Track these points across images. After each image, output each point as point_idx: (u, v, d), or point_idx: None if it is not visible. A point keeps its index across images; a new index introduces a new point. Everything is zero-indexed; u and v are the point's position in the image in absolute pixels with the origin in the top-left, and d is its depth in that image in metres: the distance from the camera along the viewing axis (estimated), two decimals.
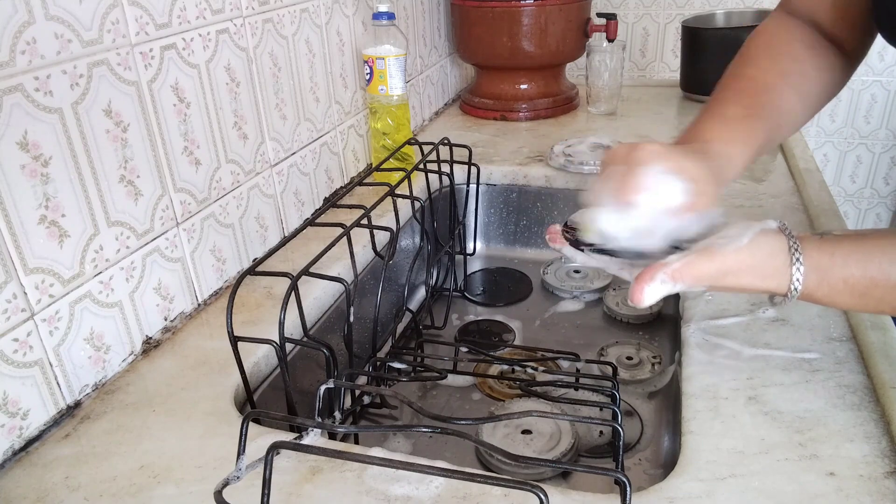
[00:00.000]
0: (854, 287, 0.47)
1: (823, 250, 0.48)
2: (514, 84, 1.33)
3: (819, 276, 0.47)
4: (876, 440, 0.50)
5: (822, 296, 0.48)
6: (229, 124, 0.75)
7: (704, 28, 1.34)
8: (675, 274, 0.46)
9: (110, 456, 0.53)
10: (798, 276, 0.47)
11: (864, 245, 0.47)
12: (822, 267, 0.47)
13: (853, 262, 0.47)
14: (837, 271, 0.47)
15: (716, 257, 0.47)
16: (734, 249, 0.47)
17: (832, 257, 0.47)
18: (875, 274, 0.46)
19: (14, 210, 0.51)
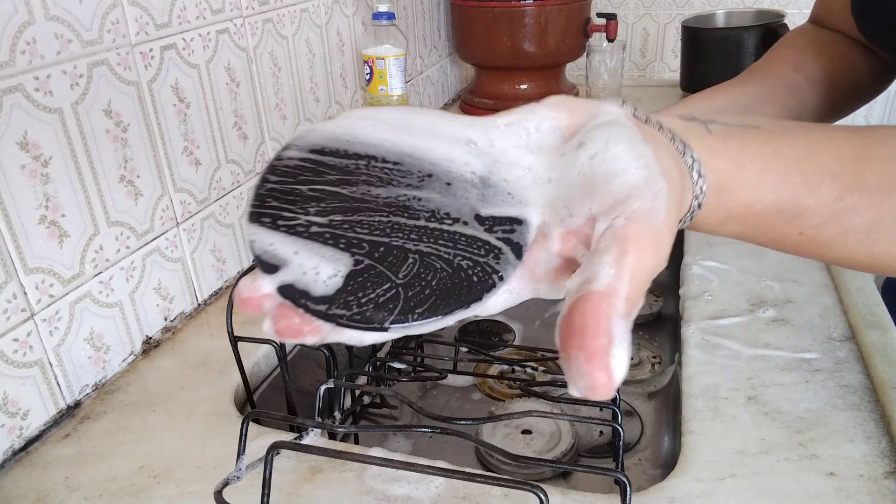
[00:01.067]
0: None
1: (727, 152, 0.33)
2: (514, 84, 1.33)
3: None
4: (876, 440, 0.50)
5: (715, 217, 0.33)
6: (229, 124, 0.75)
7: (704, 28, 1.34)
8: (630, 304, 0.24)
9: (110, 456, 0.53)
10: (700, 187, 0.31)
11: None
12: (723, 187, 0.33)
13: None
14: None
15: (648, 238, 0.26)
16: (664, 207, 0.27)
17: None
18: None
19: (14, 210, 0.51)
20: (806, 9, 1.74)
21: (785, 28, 1.21)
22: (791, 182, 0.32)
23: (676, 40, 1.84)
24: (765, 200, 0.32)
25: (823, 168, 0.32)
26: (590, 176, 0.26)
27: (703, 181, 0.30)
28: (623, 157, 0.26)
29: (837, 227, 0.32)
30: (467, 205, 0.27)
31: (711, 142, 0.31)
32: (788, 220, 0.32)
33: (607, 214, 0.25)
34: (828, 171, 0.32)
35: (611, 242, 0.24)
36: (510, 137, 0.29)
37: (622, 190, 0.25)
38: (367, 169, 0.27)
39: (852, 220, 0.32)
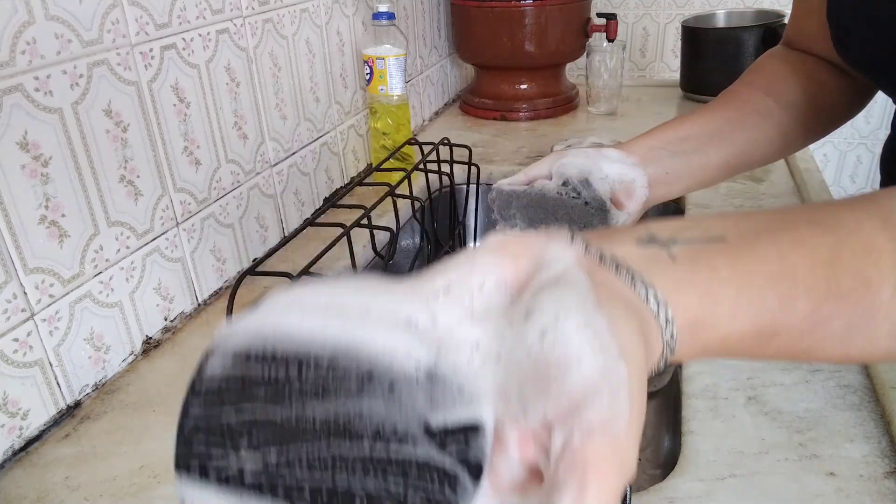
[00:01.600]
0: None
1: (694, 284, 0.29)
2: (514, 84, 1.33)
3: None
4: (876, 440, 0.50)
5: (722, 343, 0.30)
6: (229, 124, 0.75)
7: (704, 28, 1.34)
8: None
9: (110, 456, 0.53)
10: (671, 334, 0.28)
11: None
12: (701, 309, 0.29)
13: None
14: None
15: (610, 458, 0.23)
16: (626, 407, 0.23)
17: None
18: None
19: (14, 210, 0.51)
20: None
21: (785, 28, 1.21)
22: (767, 304, 0.29)
23: (676, 40, 1.84)
24: (742, 330, 0.29)
25: (798, 282, 0.29)
26: (542, 362, 0.23)
27: (672, 326, 0.27)
28: (575, 339, 0.23)
29: (815, 337, 0.31)
30: (415, 414, 0.23)
31: (677, 273, 0.28)
32: (765, 340, 0.30)
33: (563, 423, 0.22)
34: (802, 284, 0.29)
35: (569, 471, 0.21)
36: (453, 307, 0.25)
37: (576, 389, 0.22)
38: (300, 378, 0.23)
39: (829, 327, 0.30)
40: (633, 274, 0.27)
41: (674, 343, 0.27)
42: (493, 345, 0.24)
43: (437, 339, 0.24)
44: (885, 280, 0.30)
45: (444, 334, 0.25)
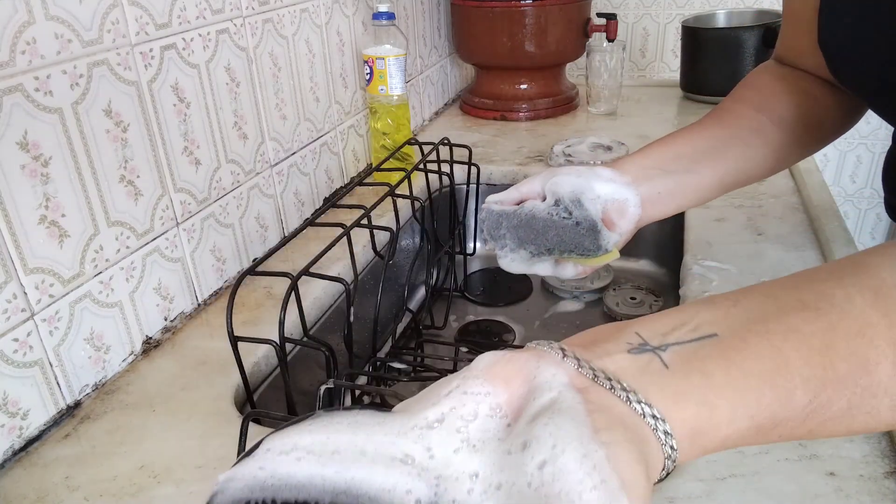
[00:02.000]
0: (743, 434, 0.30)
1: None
2: (514, 84, 1.33)
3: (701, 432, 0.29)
4: (876, 440, 0.50)
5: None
6: (229, 124, 0.75)
7: (704, 28, 1.34)
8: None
9: (110, 456, 0.53)
10: (671, 446, 0.28)
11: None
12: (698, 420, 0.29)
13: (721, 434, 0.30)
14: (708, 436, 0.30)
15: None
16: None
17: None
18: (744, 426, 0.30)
19: (14, 210, 0.51)
20: None
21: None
22: (764, 402, 0.29)
23: (676, 40, 1.84)
24: (741, 429, 0.29)
25: (794, 375, 0.29)
26: (542, 494, 0.23)
27: (672, 439, 0.27)
28: (575, 472, 0.23)
29: (815, 421, 0.31)
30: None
31: (671, 383, 0.28)
32: (766, 433, 0.30)
33: None
34: (798, 377, 0.29)
35: None
36: (448, 438, 0.25)
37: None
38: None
39: (828, 411, 0.30)
40: (628, 392, 0.27)
41: (675, 455, 0.27)
42: (493, 475, 0.24)
43: (436, 473, 0.25)
44: (883, 357, 0.30)
45: (441, 467, 0.25)
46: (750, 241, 0.80)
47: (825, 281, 0.33)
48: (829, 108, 0.61)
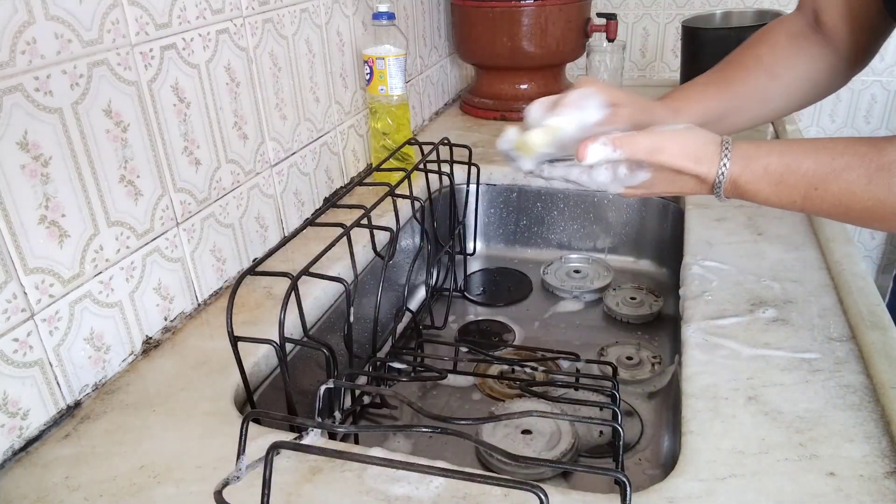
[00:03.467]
0: (772, 174, 0.53)
1: (751, 143, 0.54)
2: (514, 84, 1.33)
3: (743, 164, 0.53)
4: (876, 440, 0.50)
5: (744, 182, 0.54)
6: (229, 124, 0.75)
7: (704, 28, 1.33)
8: (616, 141, 0.54)
9: (110, 456, 0.53)
10: (725, 161, 0.53)
11: (787, 142, 0.54)
12: (747, 155, 0.53)
13: (775, 152, 0.53)
14: (761, 159, 0.53)
15: (653, 134, 0.55)
16: (672, 130, 0.55)
17: (758, 148, 0.54)
18: (789, 161, 0.52)
19: (14, 210, 0.51)
20: None
21: None
22: (791, 152, 0.52)
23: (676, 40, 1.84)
24: (774, 163, 0.52)
25: (818, 144, 0.51)
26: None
27: (728, 152, 0.54)
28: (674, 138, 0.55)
29: (840, 182, 0.50)
30: None
31: (742, 142, 0.54)
32: (798, 178, 0.51)
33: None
34: (822, 145, 0.51)
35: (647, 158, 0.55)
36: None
37: (664, 155, 0.55)
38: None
39: (850, 176, 0.50)
40: (728, 150, 0.54)
41: (728, 163, 0.54)
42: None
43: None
44: (893, 147, 0.48)
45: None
46: (750, 241, 0.80)
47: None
48: (825, 73, 0.68)
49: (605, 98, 0.59)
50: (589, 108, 0.59)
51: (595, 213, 1.08)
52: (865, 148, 0.50)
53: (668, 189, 0.58)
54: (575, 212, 1.08)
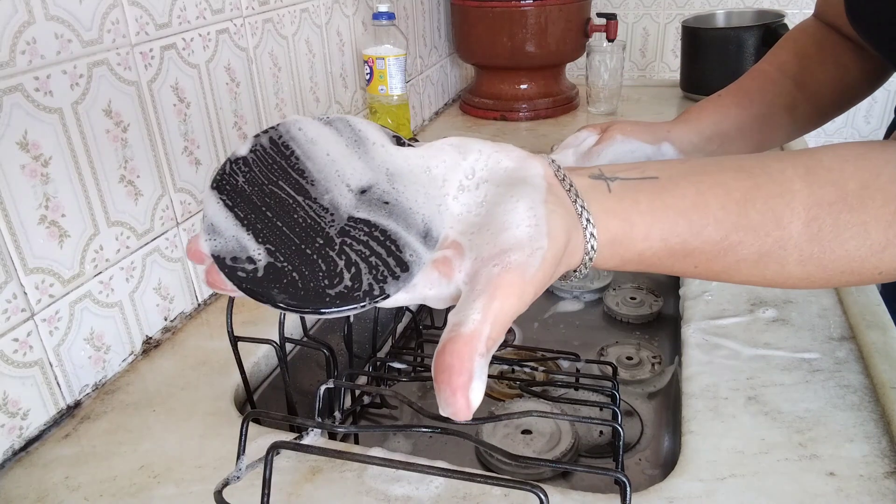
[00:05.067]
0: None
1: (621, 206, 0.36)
2: (514, 84, 1.33)
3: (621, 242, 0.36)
4: (876, 440, 0.50)
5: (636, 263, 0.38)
6: (229, 124, 0.75)
7: (704, 28, 1.34)
8: (490, 343, 0.29)
9: (110, 456, 0.53)
10: (591, 246, 0.35)
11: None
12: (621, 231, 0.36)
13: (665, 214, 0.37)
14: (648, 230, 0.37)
15: (515, 288, 0.30)
16: (538, 264, 0.31)
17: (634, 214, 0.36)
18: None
19: (14, 210, 0.51)
20: (806, 9, 1.74)
21: (785, 28, 1.21)
22: (677, 230, 0.36)
23: (676, 40, 1.84)
24: (655, 247, 0.36)
25: (708, 214, 0.36)
26: (497, 220, 0.32)
27: (594, 240, 0.35)
28: (521, 213, 0.32)
29: (728, 260, 0.37)
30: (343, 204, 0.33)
31: (608, 202, 0.36)
32: (680, 258, 0.37)
33: (490, 260, 0.30)
34: (712, 216, 0.36)
35: (484, 287, 0.29)
36: (478, 163, 0.36)
37: (509, 242, 0.31)
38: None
39: (740, 253, 0.37)
40: (577, 196, 0.35)
41: (593, 253, 0.35)
42: (479, 189, 0.34)
43: (455, 167, 0.35)
44: (795, 217, 0.36)
45: (459, 167, 0.35)
46: None
47: (769, 156, 0.38)
48: (858, 77, 0.64)
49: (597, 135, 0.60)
50: (581, 138, 0.61)
51: None
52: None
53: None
54: None
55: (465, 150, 0.35)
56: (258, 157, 0.33)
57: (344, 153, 0.34)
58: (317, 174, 0.33)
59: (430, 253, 0.32)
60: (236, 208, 0.32)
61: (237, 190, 0.32)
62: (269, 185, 0.33)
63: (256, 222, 0.32)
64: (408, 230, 0.32)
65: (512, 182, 0.34)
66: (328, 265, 0.31)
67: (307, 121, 0.35)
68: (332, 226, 0.32)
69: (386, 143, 0.35)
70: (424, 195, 0.33)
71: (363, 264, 0.31)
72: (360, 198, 0.33)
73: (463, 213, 0.33)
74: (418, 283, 0.32)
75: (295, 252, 0.31)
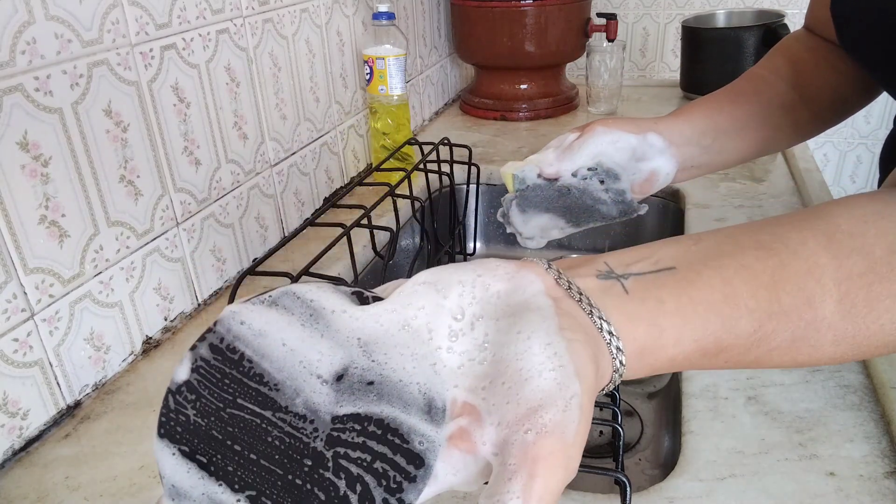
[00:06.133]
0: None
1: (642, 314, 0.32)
2: (514, 84, 1.33)
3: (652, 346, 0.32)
4: (876, 440, 0.50)
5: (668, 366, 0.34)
6: (229, 124, 0.75)
7: (704, 28, 1.34)
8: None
9: (110, 456, 0.53)
10: (620, 361, 0.31)
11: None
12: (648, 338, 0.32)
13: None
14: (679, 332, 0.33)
15: (558, 456, 0.25)
16: (577, 417, 0.26)
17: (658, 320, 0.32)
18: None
19: (14, 210, 0.51)
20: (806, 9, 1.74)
21: (785, 28, 1.21)
22: (710, 328, 0.32)
23: (676, 40, 1.84)
24: (686, 351, 0.32)
25: (739, 305, 0.32)
26: (509, 370, 0.27)
27: (622, 354, 0.30)
28: (538, 355, 0.27)
29: (761, 350, 0.33)
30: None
31: (629, 306, 0.31)
32: (711, 357, 0.33)
33: (519, 424, 0.25)
34: (744, 307, 0.32)
35: (521, 462, 0.24)
36: (460, 301, 0.30)
37: (535, 397, 0.26)
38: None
39: (773, 341, 0.33)
40: (592, 307, 0.30)
41: (623, 369, 0.31)
42: (476, 330, 0.29)
43: (445, 309, 0.29)
44: (827, 295, 0.33)
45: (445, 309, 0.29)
46: None
47: (783, 225, 0.35)
48: (854, 85, 0.62)
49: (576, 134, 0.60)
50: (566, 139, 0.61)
51: None
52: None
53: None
54: None
55: (443, 286, 0.29)
56: (203, 375, 0.26)
57: (302, 336, 0.27)
58: (278, 375, 0.27)
59: (441, 429, 0.27)
60: (197, 454, 0.26)
61: (190, 429, 0.26)
62: (226, 408, 0.26)
63: (226, 465, 0.26)
64: (407, 410, 0.26)
65: (512, 311, 0.29)
66: (327, 492, 0.25)
67: (247, 309, 0.28)
68: (317, 437, 0.26)
69: (346, 306, 0.28)
70: (412, 358, 0.27)
71: (368, 476, 0.25)
72: (339, 387, 0.27)
73: (464, 363, 0.28)
74: (439, 472, 0.27)
75: (283, 489, 0.25)
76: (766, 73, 0.65)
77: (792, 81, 0.63)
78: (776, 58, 0.66)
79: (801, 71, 0.63)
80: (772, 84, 0.64)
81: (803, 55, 0.64)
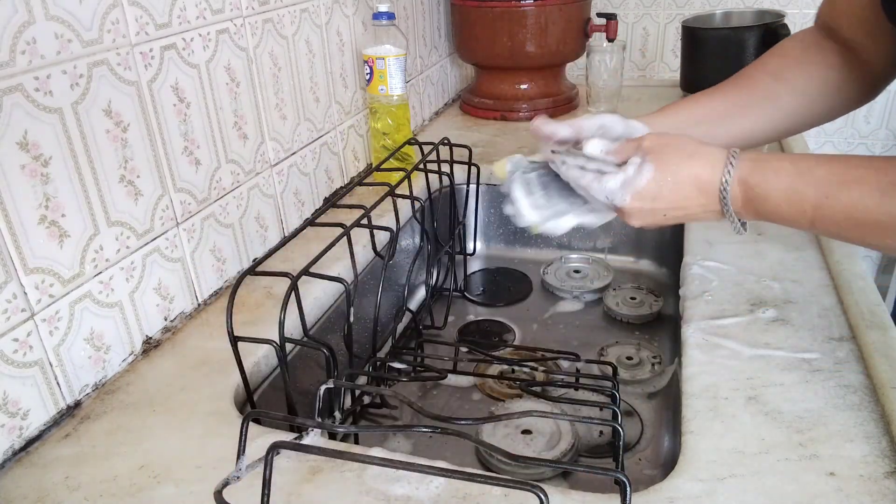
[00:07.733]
0: (783, 179, 0.51)
1: (759, 151, 0.52)
2: (514, 84, 1.33)
3: (752, 165, 0.52)
4: (876, 440, 0.50)
5: (755, 184, 0.52)
6: (229, 124, 0.75)
7: (704, 28, 1.33)
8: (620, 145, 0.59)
9: (110, 456, 0.53)
10: (732, 160, 0.53)
11: (798, 154, 0.53)
12: (757, 158, 0.53)
13: (786, 158, 0.52)
14: (772, 162, 0.52)
15: (655, 135, 0.58)
16: (676, 135, 0.58)
17: (768, 155, 0.53)
18: (802, 167, 0.51)
19: (14, 210, 0.51)
20: (806, 9, 1.74)
21: (785, 28, 1.20)
22: (804, 160, 0.51)
23: (676, 40, 1.84)
24: (786, 168, 0.51)
25: (832, 156, 0.50)
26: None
27: (735, 153, 0.53)
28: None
29: (854, 193, 0.48)
30: None
31: (750, 150, 0.53)
32: (811, 184, 0.50)
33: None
34: (835, 157, 0.50)
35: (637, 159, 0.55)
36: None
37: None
38: None
39: (863, 187, 0.48)
40: (735, 154, 0.53)
41: (733, 168, 0.53)
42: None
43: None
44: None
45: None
46: (750, 240, 0.80)
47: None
48: (848, 82, 0.65)
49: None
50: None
51: None
52: (881, 162, 0.49)
53: (674, 199, 0.55)
54: None
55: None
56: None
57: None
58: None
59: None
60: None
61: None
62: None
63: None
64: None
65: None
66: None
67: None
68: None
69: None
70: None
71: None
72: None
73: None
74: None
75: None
76: (751, 70, 0.68)
77: (776, 74, 0.66)
78: (766, 56, 0.69)
79: (785, 65, 0.66)
80: (752, 77, 0.67)
81: (793, 51, 0.67)
